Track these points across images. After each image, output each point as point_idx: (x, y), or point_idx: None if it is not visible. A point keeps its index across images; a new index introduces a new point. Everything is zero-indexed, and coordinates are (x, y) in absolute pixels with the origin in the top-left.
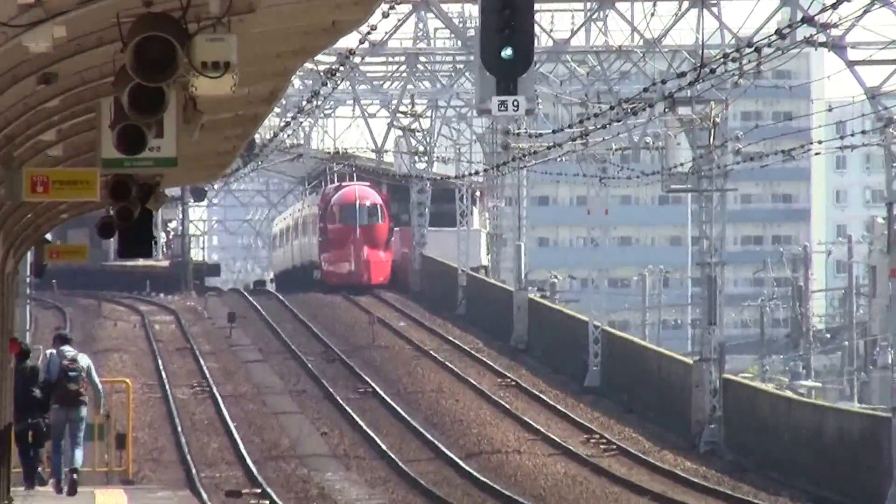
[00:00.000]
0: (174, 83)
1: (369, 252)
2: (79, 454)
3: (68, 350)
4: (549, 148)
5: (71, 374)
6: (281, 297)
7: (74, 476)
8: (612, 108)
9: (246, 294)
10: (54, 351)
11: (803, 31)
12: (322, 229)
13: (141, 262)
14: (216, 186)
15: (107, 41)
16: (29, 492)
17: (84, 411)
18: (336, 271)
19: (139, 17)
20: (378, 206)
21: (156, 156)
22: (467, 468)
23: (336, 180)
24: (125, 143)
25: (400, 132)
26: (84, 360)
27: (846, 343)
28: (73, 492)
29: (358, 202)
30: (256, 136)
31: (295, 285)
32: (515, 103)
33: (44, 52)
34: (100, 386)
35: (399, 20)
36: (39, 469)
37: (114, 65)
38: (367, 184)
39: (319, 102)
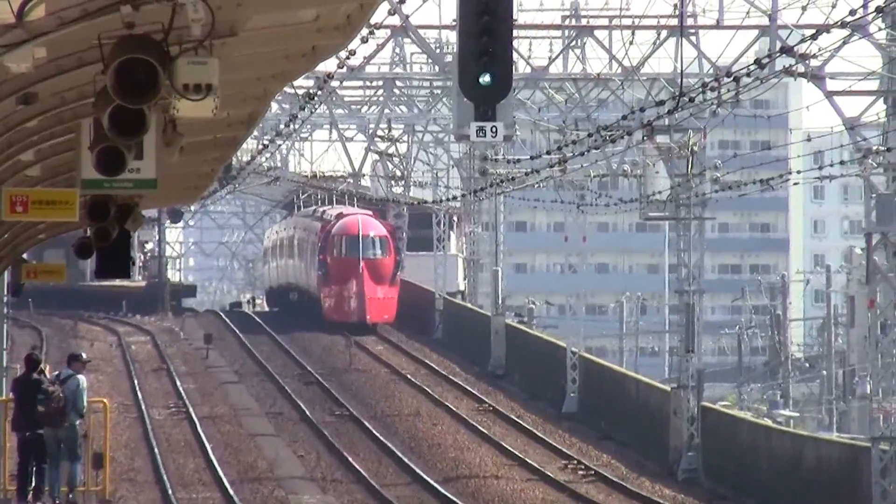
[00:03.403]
0: (155, 105)
1: (374, 289)
2: (74, 475)
3: (66, 371)
4: (526, 174)
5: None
6: (258, 318)
7: (70, 496)
8: (590, 135)
9: (222, 315)
10: (60, 371)
11: (782, 62)
12: (322, 261)
13: (117, 282)
14: (193, 208)
15: (87, 62)
16: None
17: (69, 431)
18: (337, 309)
19: (120, 38)
20: (384, 239)
21: (135, 177)
22: (445, 492)
23: (333, 202)
24: (105, 165)
25: (377, 156)
26: (73, 384)
27: (824, 372)
28: None
29: (361, 233)
30: (234, 159)
31: (281, 304)
32: (494, 129)
33: (24, 73)
34: (83, 408)
35: (378, 45)
36: (36, 485)
37: (94, 86)
38: (371, 213)
39: (297, 126)
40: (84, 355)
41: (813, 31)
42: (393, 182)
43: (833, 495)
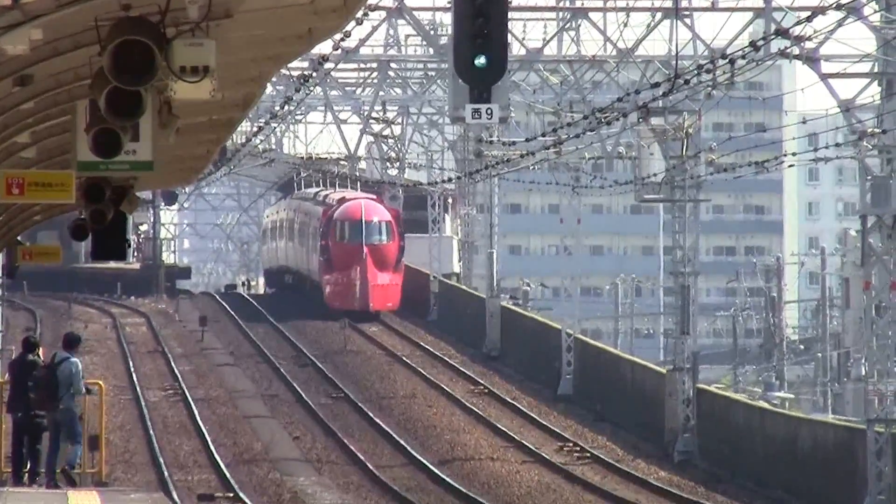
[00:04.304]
0: (151, 87)
1: (377, 275)
2: (72, 453)
3: (61, 354)
4: (521, 156)
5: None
6: (253, 301)
7: (70, 476)
8: (585, 117)
9: (217, 297)
10: (55, 352)
11: (777, 44)
12: (324, 247)
13: (112, 264)
14: (187, 190)
15: (84, 44)
16: (10, 489)
17: (64, 414)
18: (339, 296)
19: (117, 20)
20: (387, 224)
21: (131, 159)
22: (440, 474)
23: (335, 185)
24: (101, 147)
25: (372, 138)
26: (67, 368)
27: (819, 354)
28: (72, 484)
29: (364, 218)
30: (229, 141)
31: (281, 286)
32: (489, 111)
33: (20, 55)
34: (80, 389)
35: (372, 27)
36: (31, 467)
37: (90, 68)
38: (374, 197)
39: (292, 108)
40: (75, 333)
41: (808, 13)
42: (388, 164)
43: (828, 477)
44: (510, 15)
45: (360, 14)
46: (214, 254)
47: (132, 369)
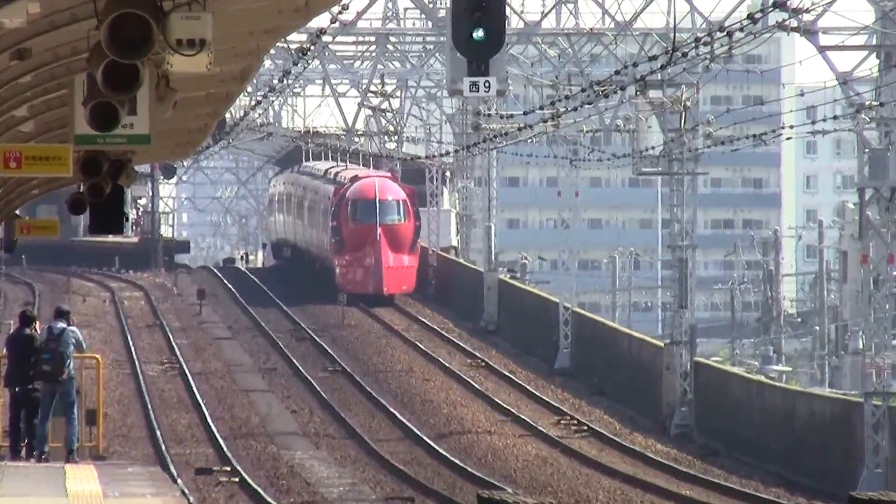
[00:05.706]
0: (148, 61)
1: (392, 257)
2: (70, 432)
3: (58, 326)
4: (519, 129)
5: (45, 356)
6: (251, 275)
7: (71, 454)
8: (583, 90)
9: (216, 271)
10: (50, 325)
11: (775, 16)
12: (335, 228)
13: (110, 238)
14: (186, 164)
15: (81, 17)
16: (8, 463)
17: (68, 385)
18: (352, 280)
19: None
20: (402, 203)
21: (129, 133)
22: (437, 448)
23: (347, 160)
24: (98, 120)
25: (370, 112)
26: (70, 338)
27: (817, 328)
28: (72, 461)
29: (378, 198)
30: (227, 115)
31: (285, 259)
32: (487, 84)
33: (18, 28)
34: (85, 348)
35: (371, 0)
36: (28, 441)
37: (88, 41)
38: (389, 175)
39: (290, 81)
40: (65, 306)
41: None
42: (386, 137)
43: (825, 450)
44: None
45: None
46: (213, 227)
47: (130, 343)
